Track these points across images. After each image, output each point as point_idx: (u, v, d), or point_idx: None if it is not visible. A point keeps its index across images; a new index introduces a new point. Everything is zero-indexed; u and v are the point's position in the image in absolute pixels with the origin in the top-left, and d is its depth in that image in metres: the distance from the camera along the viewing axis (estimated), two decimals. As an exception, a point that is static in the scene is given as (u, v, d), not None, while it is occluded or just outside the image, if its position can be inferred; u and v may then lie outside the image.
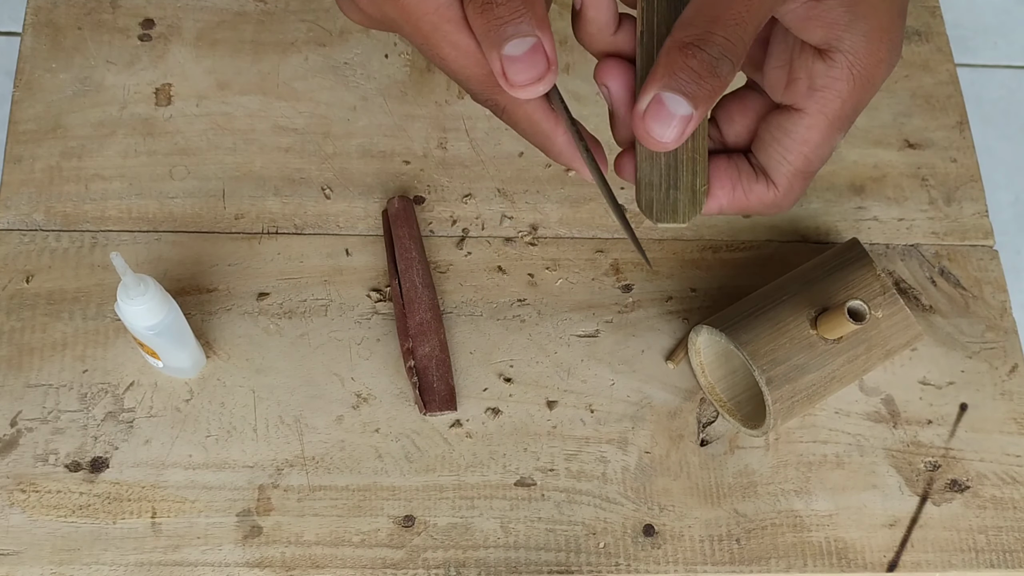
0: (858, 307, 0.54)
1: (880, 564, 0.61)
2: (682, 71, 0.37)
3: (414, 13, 0.38)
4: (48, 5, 0.72)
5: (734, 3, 0.37)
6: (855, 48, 0.38)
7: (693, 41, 0.37)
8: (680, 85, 0.37)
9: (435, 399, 0.61)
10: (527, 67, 0.37)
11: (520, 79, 0.37)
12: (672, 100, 0.37)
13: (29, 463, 0.60)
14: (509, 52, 0.37)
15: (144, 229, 0.66)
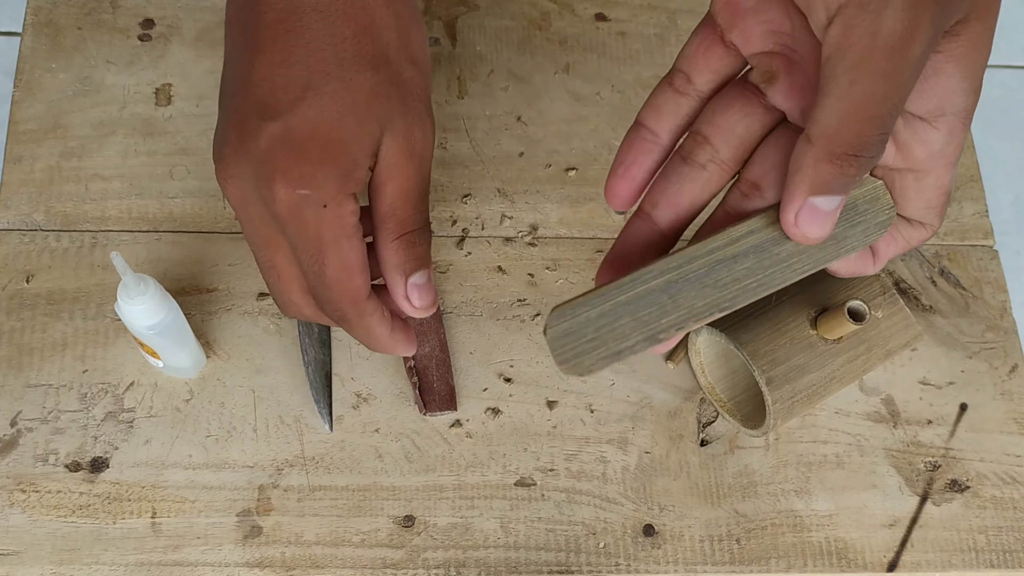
0: (858, 307, 0.54)
1: (880, 564, 0.61)
2: (836, 179, 0.38)
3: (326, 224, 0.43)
4: (48, 5, 0.72)
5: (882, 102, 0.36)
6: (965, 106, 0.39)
7: (847, 150, 0.37)
8: (832, 189, 0.38)
9: (435, 399, 0.61)
10: (427, 292, 0.46)
11: (422, 303, 0.46)
12: (824, 201, 0.39)
13: (29, 463, 0.60)
14: (415, 281, 0.46)
15: (144, 229, 0.66)
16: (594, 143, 0.71)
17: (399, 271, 0.45)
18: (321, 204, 0.43)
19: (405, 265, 0.45)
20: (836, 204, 0.39)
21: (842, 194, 0.39)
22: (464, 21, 0.75)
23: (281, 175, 0.42)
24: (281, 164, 0.42)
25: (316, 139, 0.42)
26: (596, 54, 0.75)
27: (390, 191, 0.44)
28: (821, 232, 0.39)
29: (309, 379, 0.62)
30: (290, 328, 0.64)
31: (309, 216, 0.43)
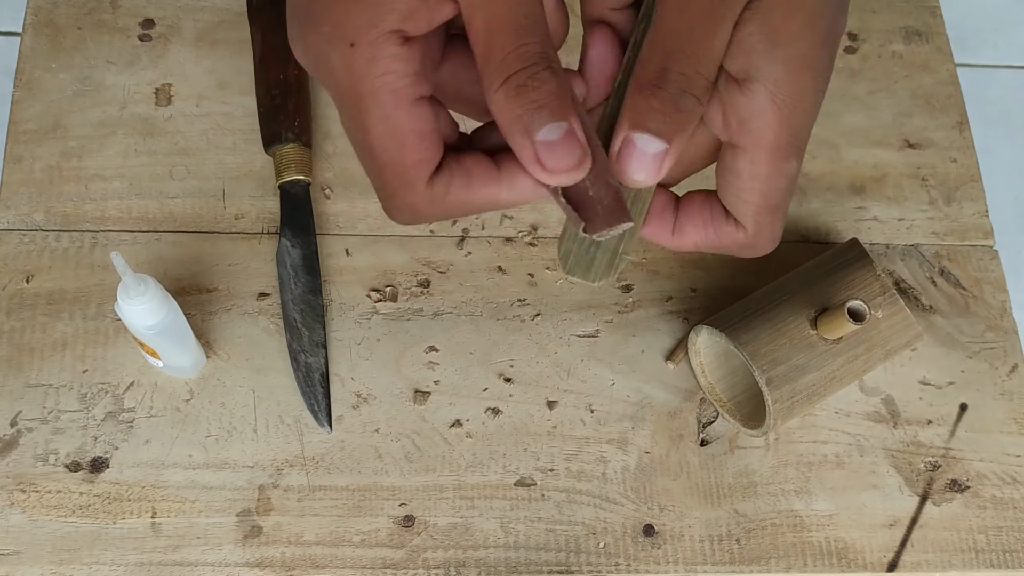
0: (858, 307, 0.54)
1: (880, 564, 0.61)
2: (647, 112, 0.37)
3: (358, 70, 0.35)
4: (48, 5, 0.72)
5: (682, 36, 0.36)
6: (775, 76, 0.36)
7: (651, 81, 0.37)
8: (647, 124, 0.37)
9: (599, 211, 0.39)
10: (565, 152, 0.35)
11: (556, 165, 0.35)
12: (642, 140, 0.37)
13: (29, 463, 0.60)
14: (543, 137, 0.35)
15: (144, 229, 0.66)
16: (594, 143, 0.71)
17: (519, 129, 0.35)
18: (347, 42, 0.34)
19: (522, 117, 0.35)
20: (658, 151, 0.36)
21: (661, 137, 0.36)
22: (464, 21, 0.75)
23: (307, 18, 0.35)
24: (307, 5, 0.35)
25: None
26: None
27: (479, 24, 0.35)
28: (641, 175, 0.37)
29: (300, 387, 0.62)
30: (290, 328, 0.64)
31: (336, 61, 0.34)
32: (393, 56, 0.34)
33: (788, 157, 0.38)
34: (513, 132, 0.35)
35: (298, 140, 0.66)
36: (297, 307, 0.64)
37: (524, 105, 0.35)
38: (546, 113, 0.35)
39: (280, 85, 0.67)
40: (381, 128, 0.35)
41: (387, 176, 0.36)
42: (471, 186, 0.37)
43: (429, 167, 0.36)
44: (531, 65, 0.35)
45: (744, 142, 0.38)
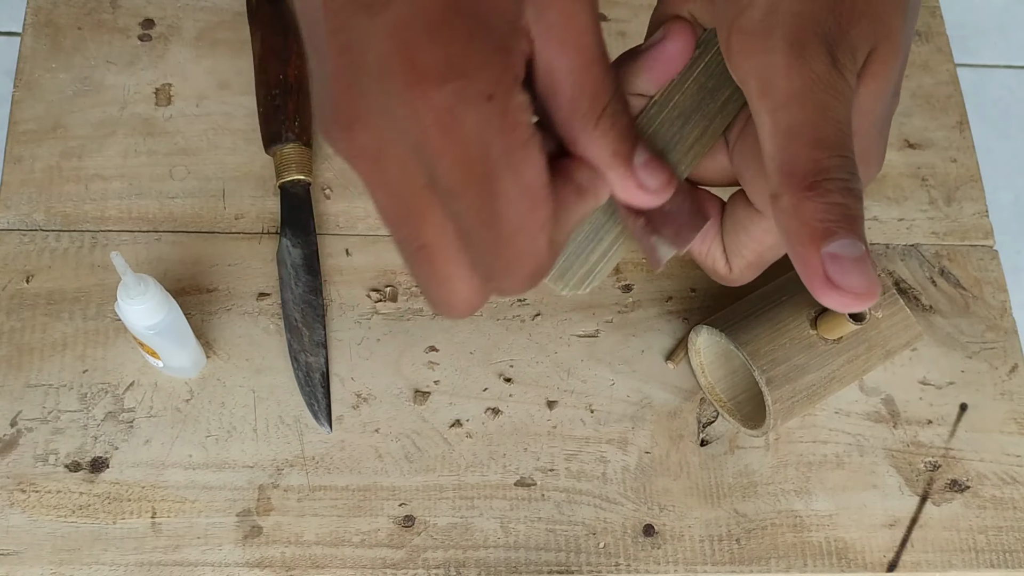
0: (858, 307, 0.54)
1: (880, 564, 0.61)
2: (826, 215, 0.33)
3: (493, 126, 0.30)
4: (48, 5, 0.72)
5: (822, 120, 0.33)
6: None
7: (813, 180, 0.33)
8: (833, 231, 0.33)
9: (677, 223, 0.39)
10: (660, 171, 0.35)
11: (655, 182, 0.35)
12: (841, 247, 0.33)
13: (29, 463, 0.60)
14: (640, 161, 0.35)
15: (144, 229, 0.66)
16: (594, 143, 0.71)
17: (620, 160, 0.34)
18: (484, 96, 0.29)
19: (622, 148, 0.34)
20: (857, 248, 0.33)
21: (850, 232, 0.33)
22: (464, 21, 0.74)
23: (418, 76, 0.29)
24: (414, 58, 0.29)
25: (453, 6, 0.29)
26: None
27: (565, 64, 0.32)
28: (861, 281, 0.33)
29: (300, 387, 0.62)
30: (290, 328, 0.64)
31: (471, 121, 0.29)
32: (522, 105, 0.31)
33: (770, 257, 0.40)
34: (615, 163, 0.35)
35: (298, 140, 0.66)
36: (297, 307, 0.64)
37: (620, 136, 0.34)
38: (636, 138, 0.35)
39: (280, 85, 0.67)
40: (515, 191, 0.31)
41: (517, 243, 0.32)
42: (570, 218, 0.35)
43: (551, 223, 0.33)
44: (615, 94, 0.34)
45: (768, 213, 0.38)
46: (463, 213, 0.32)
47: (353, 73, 0.30)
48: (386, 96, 0.30)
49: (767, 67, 0.35)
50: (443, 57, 0.29)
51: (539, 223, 0.32)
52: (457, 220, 0.32)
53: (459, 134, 0.30)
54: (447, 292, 0.34)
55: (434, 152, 0.30)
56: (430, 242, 0.33)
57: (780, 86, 0.34)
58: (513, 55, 0.31)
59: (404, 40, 0.29)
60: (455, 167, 0.30)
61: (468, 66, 0.29)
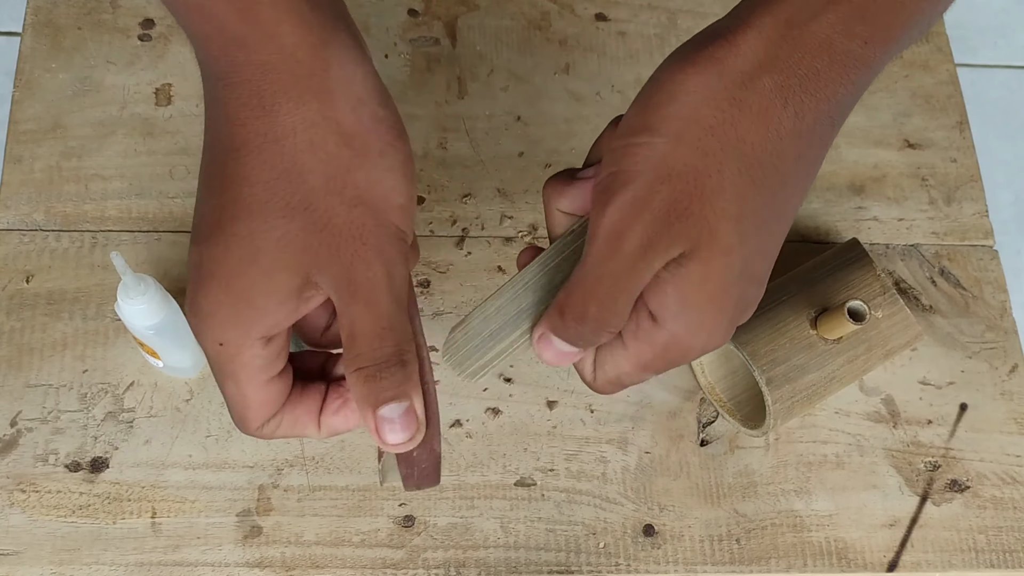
0: (858, 307, 0.54)
1: (880, 564, 0.61)
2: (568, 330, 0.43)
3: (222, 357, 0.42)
4: (48, 5, 0.72)
5: (605, 283, 0.41)
6: (674, 331, 0.42)
7: (574, 317, 0.42)
8: (568, 338, 0.44)
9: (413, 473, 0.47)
10: (401, 427, 0.43)
11: (393, 439, 0.43)
12: (559, 342, 0.44)
13: (29, 463, 0.60)
14: (384, 414, 0.42)
15: (144, 229, 0.66)
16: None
17: (363, 403, 0.42)
18: (217, 341, 0.41)
19: (368, 398, 0.42)
20: (571, 350, 0.44)
21: (575, 345, 0.44)
22: (464, 21, 0.75)
23: (190, 295, 0.42)
24: (191, 285, 0.42)
25: (218, 278, 0.41)
26: (596, 54, 0.75)
27: (345, 324, 0.42)
28: (553, 359, 0.45)
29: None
30: (290, 328, 0.64)
31: (208, 346, 0.42)
32: (254, 354, 0.41)
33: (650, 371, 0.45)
34: (361, 407, 0.42)
35: None
36: None
37: (371, 389, 0.42)
38: (391, 395, 0.42)
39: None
40: (233, 393, 0.43)
41: (233, 413, 0.44)
42: (294, 429, 0.45)
43: (263, 420, 0.44)
44: (384, 362, 0.42)
45: (628, 345, 0.44)
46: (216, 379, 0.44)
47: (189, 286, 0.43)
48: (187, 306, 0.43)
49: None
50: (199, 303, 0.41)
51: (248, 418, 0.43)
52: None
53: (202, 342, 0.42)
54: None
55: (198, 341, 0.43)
56: None
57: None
58: (256, 322, 0.41)
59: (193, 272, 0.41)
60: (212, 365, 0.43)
61: (211, 321, 0.41)
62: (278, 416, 0.44)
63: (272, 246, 0.40)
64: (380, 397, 0.42)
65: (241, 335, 0.41)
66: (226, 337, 0.41)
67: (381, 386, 0.42)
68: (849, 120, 0.75)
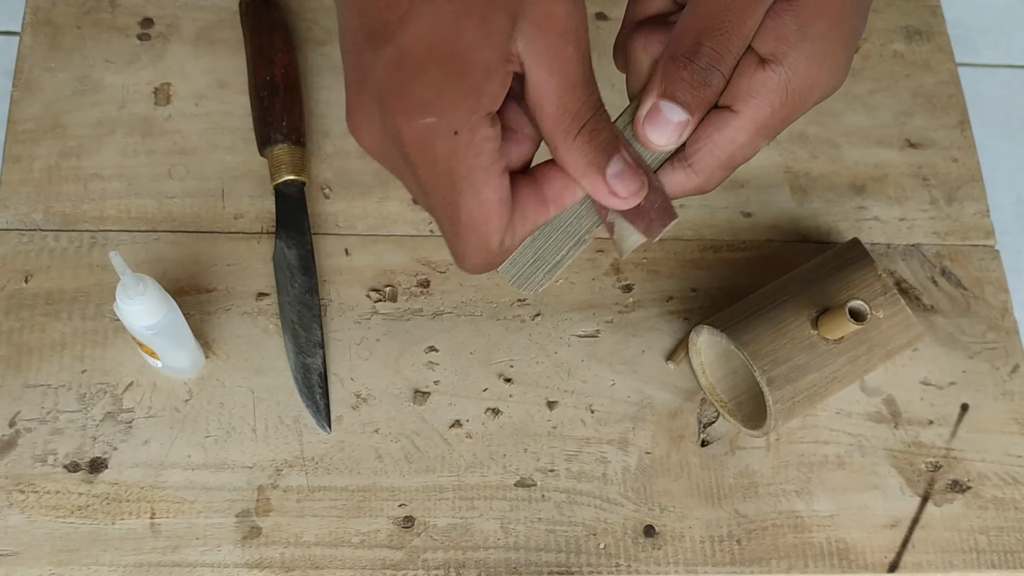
0: (859, 307, 0.54)
1: (881, 565, 0.61)
2: (676, 82, 0.41)
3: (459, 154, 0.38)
4: (47, 4, 0.72)
5: (719, 16, 0.40)
6: (796, 66, 0.40)
7: (684, 54, 0.40)
8: (676, 94, 0.41)
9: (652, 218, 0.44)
10: (631, 180, 0.41)
11: (628, 191, 0.41)
12: (668, 108, 0.41)
13: (28, 463, 0.60)
14: (613, 171, 0.41)
15: (143, 229, 0.66)
16: (594, 143, 0.70)
17: (594, 169, 0.40)
18: (451, 131, 0.37)
19: (597, 159, 0.40)
20: (681, 120, 0.41)
21: (685, 108, 0.41)
22: (464, 20, 0.74)
23: (402, 107, 0.37)
24: (401, 94, 0.37)
25: (435, 53, 0.36)
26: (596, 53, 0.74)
27: (552, 87, 0.39)
28: (661, 139, 0.42)
29: (299, 388, 0.62)
30: (289, 328, 0.64)
31: (440, 149, 0.37)
32: (487, 137, 0.38)
33: (767, 136, 0.43)
34: (588, 172, 0.41)
35: (287, 140, 0.66)
36: (294, 308, 0.63)
37: (598, 147, 0.40)
38: (612, 150, 0.41)
39: (267, 87, 0.67)
40: (473, 203, 0.39)
41: (470, 241, 0.41)
42: (527, 224, 0.42)
43: (505, 226, 0.41)
44: (598, 112, 0.40)
45: (742, 110, 0.42)
46: (432, 208, 0.40)
47: (360, 89, 0.39)
48: (381, 114, 0.38)
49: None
50: (421, 96, 0.37)
51: (490, 231, 0.40)
52: (429, 211, 0.41)
53: (430, 156, 0.38)
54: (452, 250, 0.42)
55: (412, 163, 0.39)
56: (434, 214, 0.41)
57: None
58: (483, 96, 0.37)
59: (394, 76, 0.37)
60: (427, 178, 0.39)
61: (440, 105, 0.37)
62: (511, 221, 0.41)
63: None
64: (606, 155, 0.40)
65: (474, 110, 0.37)
66: (460, 120, 0.37)
67: (602, 141, 0.40)
68: (850, 120, 0.75)
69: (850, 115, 0.74)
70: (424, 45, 0.36)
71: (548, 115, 0.40)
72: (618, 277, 0.67)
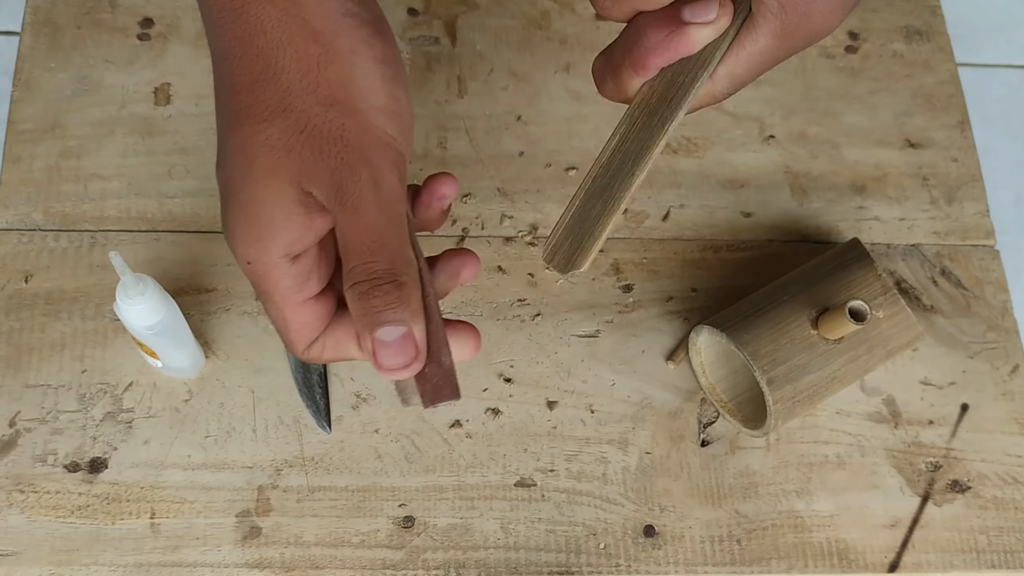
0: (859, 307, 0.54)
1: (881, 565, 0.61)
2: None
3: (255, 276, 0.42)
4: (47, 4, 0.72)
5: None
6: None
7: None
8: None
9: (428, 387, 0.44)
10: (396, 353, 0.40)
11: (389, 363, 0.41)
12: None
13: (28, 463, 0.60)
14: (380, 337, 0.40)
15: (143, 229, 0.66)
16: (594, 143, 0.70)
17: (360, 324, 0.41)
18: (246, 260, 0.41)
19: (364, 318, 0.40)
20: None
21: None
22: (464, 20, 0.74)
23: (224, 229, 0.42)
24: (223, 217, 0.42)
25: (230, 195, 0.41)
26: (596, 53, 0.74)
27: (340, 240, 0.41)
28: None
29: (299, 388, 0.62)
30: (289, 328, 0.64)
31: (241, 266, 0.42)
32: (282, 273, 0.41)
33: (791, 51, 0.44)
34: (358, 328, 0.41)
35: None
36: None
37: (367, 308, 0.40)
38: (386, 317, 0.40)
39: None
40: (274, 314, 0.42)
41: (279, 334, 0.44)
42: (337, 349, 0.44)
43: (308, 342, 0.43)
44: (379, 278, 0.40)
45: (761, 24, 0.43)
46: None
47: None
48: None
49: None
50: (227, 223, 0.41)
51: (291, 339, 0.43)
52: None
53: (243, 270, 0.42)
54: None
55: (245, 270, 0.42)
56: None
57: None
58: (273, 243, 0.40)
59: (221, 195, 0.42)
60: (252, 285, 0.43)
61: (235, 238, 0.41)
62: (321, 339, 0.43)
63: (260, 152, 0.40)
64: (375, 319, 0.40)
65: (261, 252, 0.41)
66: (250, 255, 0.41)
67: (374, 306, 0.40)
68: (850, 120, 0.75)
69: (850, 115, 0.74)
70: (228, 187, 0.41)
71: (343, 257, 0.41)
72: (618, 277, 0.67)
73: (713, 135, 0.72)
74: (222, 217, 0.42)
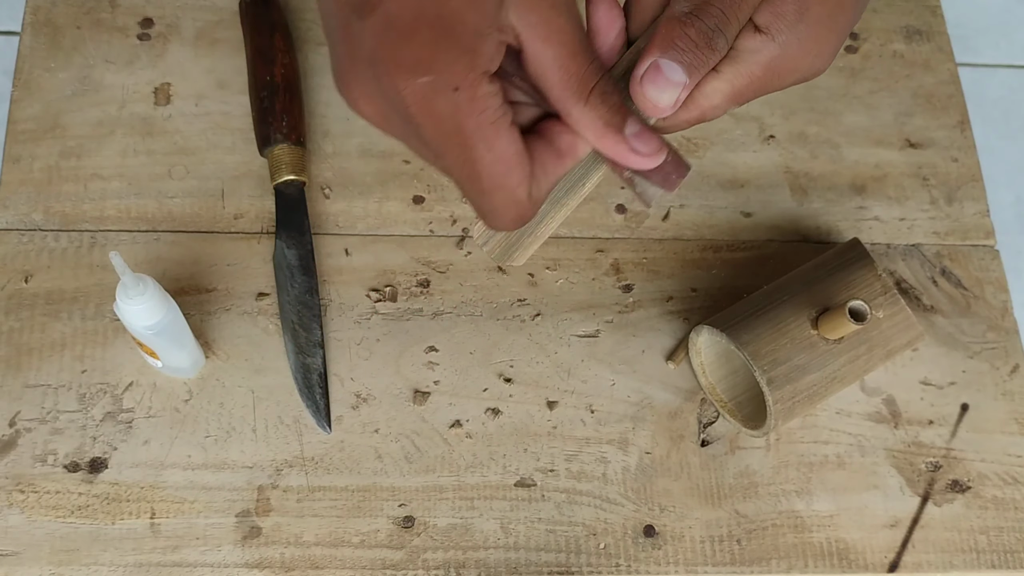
0: (859, 307, 0.54)
1: (881, 565, 0.61)
2: (680, 40, 0.40)
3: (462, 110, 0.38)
4: (47, 4, 0.72)
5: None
6: (786, 45, 0.40)
7: (692, 12, 0.40)
8: (678, 54, 0.40)
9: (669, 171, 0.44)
10: (650, 138, 0.40)
11: (649, 150, 0.40)
12: (669, 67, 0.40)
13: (28, 463, 0.60)
14: (631, 131, 0.40)
15: (143, 229, 0.66)
16: (594, 143, 0.70)
17: (612, 131, 0.40)
18: (451, 88, 0.37)
19: (614, 121, 0.40)
20: (681, 80, 0.40)
21: (686, 69, 0.40)
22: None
23: (396, 68, 0.37)
24: (395, 56, 0.37)
25: (423, 18, 0.36)
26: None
27: (551, 55, 0.39)
28: (659, 100, 0.40)
29: (299, 388, 0.62)
30: (289, 328, 0.64)
31: (442, 107, 0.37)
32: (488, 93, 0.38)
33: (737, 102, 0.42)
34: (607, 134, 0.40)
35: (287, 140, 0.66)
36: (294, 308, 0.63)
37: (611, 107, 0.40)
38: (626, 111, 0.40)
39: (267, 87, 0.67)
40: (489, 156, 0.39)
41: (496, 196, 0.40)
42: (549, 177, 0.41)
43: (527, 176, 0.40)
44: (603, 77, 0.40)
45: (722, 71, 0.41)
46: (449, 170, 0.40)
47: (351, 59, 0.38)
48: (377, 80, 0.37)
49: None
50: (415, 57, 0.36)
51: (514, 182, 0.40)
52: (447, 173, 0.40)
53: (434, 115, 0.37)
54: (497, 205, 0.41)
55: (417, 125, 0.38)
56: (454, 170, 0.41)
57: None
58: (478, 56, 0.37)
59: (385, 41, 0.37)
60: (435, 138, 0.38)
61: (435, 64, 0.37)
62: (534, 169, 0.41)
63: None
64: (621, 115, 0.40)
65: (471, 68, 0.37)
66: (456, 77, 0.37)
67: (615, 102, 0.40)
68: (850, 119, 0.75)
69: (850, 115, 0.74)
70: (410, 11, 0.36)
71: (555, 83, 0.40)
72: (618, 277, 0.67)
73: (713, 135, 0.72)
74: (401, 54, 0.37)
